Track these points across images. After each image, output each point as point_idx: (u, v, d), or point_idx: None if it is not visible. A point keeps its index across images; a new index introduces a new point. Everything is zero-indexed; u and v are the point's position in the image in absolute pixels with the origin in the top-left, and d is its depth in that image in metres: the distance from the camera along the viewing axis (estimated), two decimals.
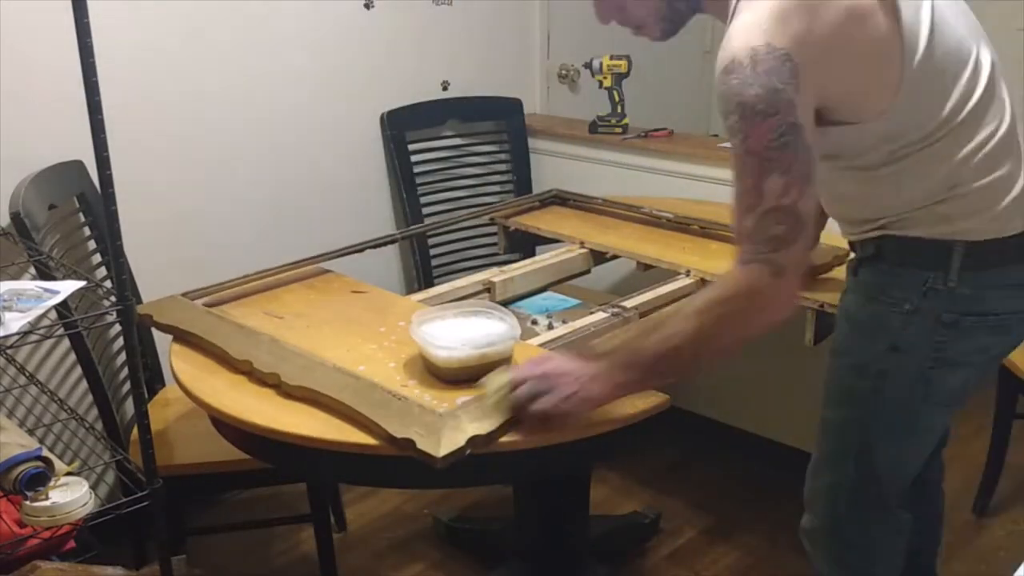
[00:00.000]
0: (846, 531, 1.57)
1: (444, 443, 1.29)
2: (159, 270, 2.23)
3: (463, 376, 1.47)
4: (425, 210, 2.87)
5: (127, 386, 2.15)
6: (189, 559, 1.95)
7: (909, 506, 1.58)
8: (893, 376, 1.41)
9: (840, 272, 1.94)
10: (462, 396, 1.42)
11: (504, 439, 1.35)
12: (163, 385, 2.23)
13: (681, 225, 2.28)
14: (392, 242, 2.31)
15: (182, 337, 1.72)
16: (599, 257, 2.22)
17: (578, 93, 3.27)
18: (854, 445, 1.50)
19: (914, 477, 1.55)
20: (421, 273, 2.86)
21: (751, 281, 1.26)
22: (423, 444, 1.29)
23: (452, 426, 1.33)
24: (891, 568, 1.60)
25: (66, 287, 1.60)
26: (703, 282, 1.97)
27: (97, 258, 2.22)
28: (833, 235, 2.20)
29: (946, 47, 1.29)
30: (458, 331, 1.54)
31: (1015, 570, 0.99)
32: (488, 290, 2.02)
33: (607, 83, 2.84)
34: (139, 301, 2.05)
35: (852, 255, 1.51)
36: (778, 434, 2.70)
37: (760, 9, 1.22)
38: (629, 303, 1.84)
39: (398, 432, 1.32)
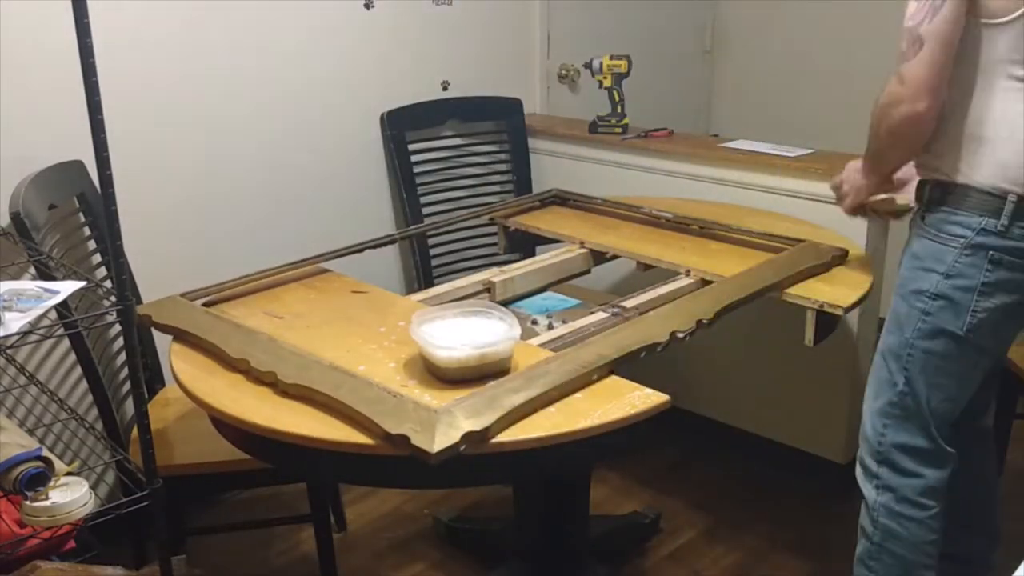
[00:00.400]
0: (892, 455, 1.72)
1: (438, 439, 1.29)
2: (159, 270, 2.23)
3: (463, 376, 1.47)
4: (425, 210, 2.87)
5: (127, 386, 2.15)
6: (189, 559, 1.95)
7: (960, 453, 1.73)
8: (944, 299, 1.63)
9: (840, 271, 1.98)
10: (461, 395, 1.42)
11: (502, 438, 1.35)
12: (163, 385, 2.23)
13: (681, 225, 2.28)
14: (392, 242, 2.31)
15: (182, 337, 1.72)
16: (599, 257, 2.22)
17: (578, 93, 3.27)
18: (902, 368, 1.69)
19: (957, 417, 1.72)
20: (421, 273, 2.86)
21: (889, 86, 1.60)
22: (417, 440, 1.29)
23: (447, 422, 1.33)
24: (936, 500, 1.72)
25: (66, 287, 1.60)
26: (703, 282, 1.97)
27: (97, 258, 2.22)
28: (831, 233, 2.20)
29: None
30: (458, 331, 1.54)
31: (1015, 570, 0.99)
32: (488, 290, 2.02)
33: (607, 83, 2.84)
34: (139, 301, 2.05)
35: (917, 206, 1.73)
36: (778, 434, 2.70)
37: None
38: (629, 303, 1.84)
39: (393, 428, 1.32)
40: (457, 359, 1.47)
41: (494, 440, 1.35)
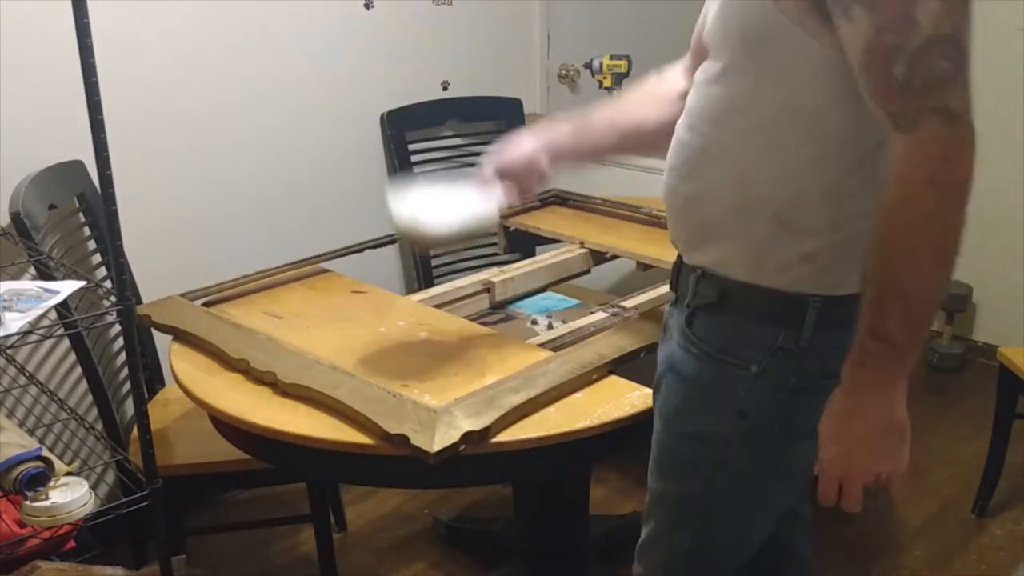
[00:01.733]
0: None
1: (438, 439, 1.29)
2: (159, 270, 2.23)
3: (451, 244, 1.62)
4: None
5: (127, 386, 2.15)
6: (189, 559, 1.95)
7: None
8: (740, 447, 1.22)
9: None
10: (461, 395, 1.42)
11: (502, 438, 1.35)
12: (163, 385, 2.23)
13: None
14: (392, 242, 2.31)
15: (182, 337, 1.72)
16: (599, 257, 2.22)
17: (578, 93, 3.27)
18: (693, 521, 1.33)
19: (773, 556, 1.41)
20: (421, 273, 2.86)
21: (930, 143, 0.97)
22: (417, 440, 1.29)
23: (446, 422, 1.33)
24: None
25: (66, 287, 1.60)
26: None
27: (97, 258, 2.22)
28: None
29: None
30: (439, 201, 1.54)
31: (1015, 570, 0.99)
32: (488, 290, 2.02)
33: (607, 83, 2.84)
34: (139, 301, 2.05)
35: (687, 297, 1.27)
36: None
37: None
38: (629, 303, 1.84)
39: (392, 428, 1.32)
40: (448, 230, 1.52)
41: (494, 440, 1.35)
